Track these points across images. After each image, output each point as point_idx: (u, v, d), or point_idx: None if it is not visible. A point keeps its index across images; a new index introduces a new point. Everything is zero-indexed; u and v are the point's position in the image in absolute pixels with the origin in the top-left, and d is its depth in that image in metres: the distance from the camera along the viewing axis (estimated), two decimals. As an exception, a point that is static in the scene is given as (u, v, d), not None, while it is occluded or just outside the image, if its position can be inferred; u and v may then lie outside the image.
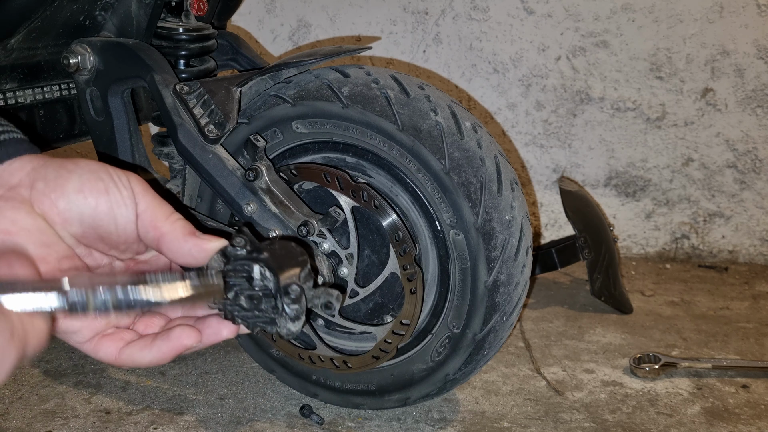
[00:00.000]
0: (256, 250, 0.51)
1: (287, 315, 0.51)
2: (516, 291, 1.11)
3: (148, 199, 0.52)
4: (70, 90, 1.23)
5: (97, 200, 0.50)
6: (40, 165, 0.51)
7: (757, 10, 1.84)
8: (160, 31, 1.24)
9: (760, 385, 1.39)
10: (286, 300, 0.51)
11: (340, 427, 1.24)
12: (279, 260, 0.51)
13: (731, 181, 1.98)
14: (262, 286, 0.51)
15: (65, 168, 0.51)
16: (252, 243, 0.51)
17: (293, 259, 0.53)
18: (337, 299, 0.56)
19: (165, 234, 0.52)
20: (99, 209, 0.51)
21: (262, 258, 0.51)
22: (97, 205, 0.50)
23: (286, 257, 0.52)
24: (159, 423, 1.24)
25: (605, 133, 2.00)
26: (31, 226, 0.49)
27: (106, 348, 0.53)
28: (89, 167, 0.52)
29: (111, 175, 0.52)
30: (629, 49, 1.92)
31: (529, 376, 1.42)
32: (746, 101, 1.91)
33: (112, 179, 0.51)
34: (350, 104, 1.08)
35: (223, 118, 1.08)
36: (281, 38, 2.11)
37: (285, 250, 0.53)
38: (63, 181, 0.50)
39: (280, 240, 0.54)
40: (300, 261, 0.53)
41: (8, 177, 0.50)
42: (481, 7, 1.96)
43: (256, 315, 0.52)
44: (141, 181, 0.53)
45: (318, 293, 0.55)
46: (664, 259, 2.08)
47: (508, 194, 1.08)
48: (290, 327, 0.52)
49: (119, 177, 0.52)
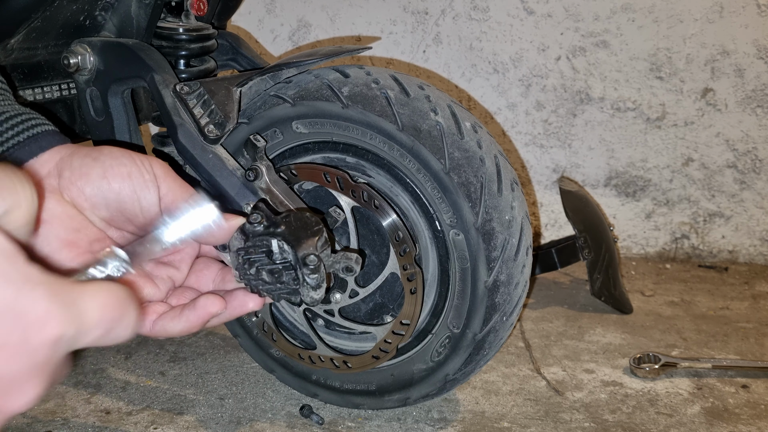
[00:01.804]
0: (272, 225, 0.53)
1: (309, 284, 0.53)
2: (516, 291, 1.11)
3: (169, 181, 0.55)
4: (70, 90, 1.23)
5: (121, 185, 0.53)
6: (67, 155, 0.54)
7: (757, 10, 1.84)
8: (160, 31, 1.24)
9: (760, 385, 1.39)
10: (305, 270, 0.52)
11: (340, 427, 1.24)
12: (295, 232, 0.53)
13: (731, 181, 1.98)
14: (281, 259, 0.53)
15: (90, 156, 0.54)
16: (268, 218, 0.53)
17: (309, 229, 0.54)
18: (357, 262, 0.58)
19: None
20: (123, 193, 0.53)
21: (279, 232, 0.53)
22: (121, 189, 0.53)
23: (302, 228, 0.54)
24: (159, 423, 1.24)
25: (605, 133, 2.00)
26: (61, 213, 0.52)
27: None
28: (113, 154, 0.55)
29: (134, 160, 0.54)
30: (629, 49, 1.92)
31: (529, 376, 1.42)
32: (746, 101, 1.91)
33: (135, 164, 0.54)
34: (350, 104, 1.08)
35: (223, 118, 1.08)
36: (281, 38, 2.11)
37: (300, 222, 0.54)
38: (87, 169, 0.53)
39: (295, 212, 0.55)
40: (316, 230, 0.55)
41: (39, 168, 0.54)
42: (481, 7, 1.96)
43: (279, 287, 0.54)
44: (163, 164, 0.56)
45: (338, 258, 0.57)
46: (664, 259, 2.08)
47: (508, 194, 1.08)
48: (313, 295, 0.54)
49: (142, 162, 0.55)
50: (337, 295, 1.14)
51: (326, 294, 0.56)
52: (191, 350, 1.50)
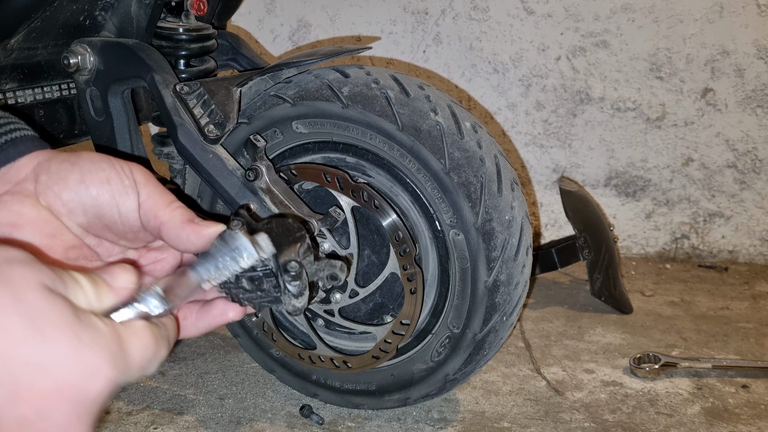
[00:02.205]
0: (251, 232, 0.51)
1: (290, 292, 0.52)
2: (516, 291, 1.11)
3: (150, 188, 0.53)
4: (70, 90, 1.23)
5: (99, 190, 0.52)
6: (45, 159, 0.53)
7: (757, 10, 1.84)
8: (160, 31, 1.24)
9: (760, 385, 1.39)
10: (286, 278, 0.51)
11: (340, 427, 1.24)
12: (276, 239, 0.51)
13: (731, 181, 1.98)
14: (262, 266, 0.51)
15: (68, 161, 0.52)
16: (249, 225, 0.51)
17: (291, 235, 0.53)
18: (341, 270, 0.56)
19: (164, 222, 0.53)
20: (101, 199, 0.52)
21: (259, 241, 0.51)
22: (99, 194, 0.52)
23: (283, 235, 0.52)
24: (159, 423, 1.24)
25: (605, 133, 2.00)
26: (36, 217, 0.50)
27: None
28: (91, 159, 0.53)
29: (113, 165, 0.53)
30: (629, 49, 1.92)
31: (529, 376, 1.42)
32: (746, 101, 1.91)
33: (114, 169, 0.52)
34: (350, 104, 1.08)
35: (223, 118, 1.08)
36: (281, 38, 2.11)
37: (282, 228, 0.53)
38: (65, 173, 0.51)
39: (276, 218, 0.54)
40: (297, 237, 0.53)
41: (15, 173, 0.52)
42: (481, 7, 1.96)
43: (260, 295, 0.52)
44: (143, 170, 0.54)
45: (321, 266, 0.55)
46: (664, 259, 2.08)
47: (508, 194, 1.08)
48: (295, 303, 0.52)
49: (121, 167, 0.53)
50: (337, 295, 1.14)
51: (309, 302, 0.55)
52: (191, 350, 1.50)
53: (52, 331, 0.37)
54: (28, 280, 0.37)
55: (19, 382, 0.36)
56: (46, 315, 0.37)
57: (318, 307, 1.18)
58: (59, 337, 0.37)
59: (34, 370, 0.36)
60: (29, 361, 0.36)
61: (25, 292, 0.37)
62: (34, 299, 0.37)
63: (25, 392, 0.36)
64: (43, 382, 0.36)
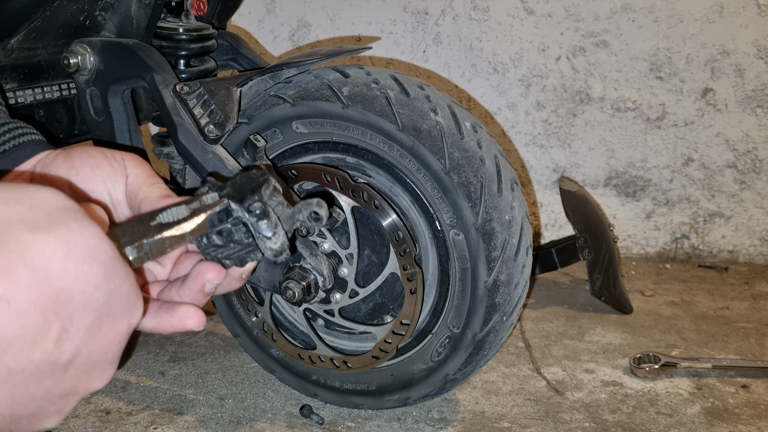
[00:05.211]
0: (218, 190, 0.51)
1: (262, 234, 0.51)
2: (516, 291, 1.11)
3: (137, 171, 0.55)
4: (70, 90, 1.23)
5: (89, 175, 0.53)
6: (44, 156, 0.56)
7: (757, 10, 1.84)
8: (160, 31, 1.24)
9: (760, 385, 1.39)
10: (251, 218, 0.50)
11: (340, 427, 1.24)
12: (240, 188, 0.51)
13: (731, 181, 1.98)
14: (231, 219, 0.51)
15: (63, 154, 0.55)
16: (213, 185, 0.52)
17: (253, 181, 0.52)
18: (319, 205, 0.54)
19: (143, 200, 0.53)
20: (90, 183, 0.53)
21: (223, 194, 0.51)
22: (89, 180, 0.53)
23: (246, 183, 0.52)
24: (159, 423, 1.24)
25: (605, 133, 2.00)
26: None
27: None
28: (83, 149, 0.55)
29: (104, 153, 0.55)
30: (629, 49, 1.92)
31: (529, 376, 1.42)
32: (746, 101, 1.91)
33: (105, 156, 0.54)
34: (350, 104, 1.08)
35: (223, 118, 1.08)
36: (281, 38, 2.11)
37: (245, 178, 0.52)
38: (58, 164, 0.54)
39: (241, 172, 0.54)
40: (261, 181, 0.52)
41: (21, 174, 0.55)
42: (481, 7, 1.96)
43: (234, 247, 0.52)
44: (135, 157, 0.55)
45: (298, 208, 0.55)
46: (664, 259, 2.08)
47: (508, 194, 1.08)
48: (271, 245, 0.51)
49: (112, 154, 0.55)
50: (338, 295, 1.14)
51: (290, 245, 0.54)
52: (191, 350, 1.50)
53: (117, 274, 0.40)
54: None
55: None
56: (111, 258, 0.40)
57: (318, 307, 1.18)
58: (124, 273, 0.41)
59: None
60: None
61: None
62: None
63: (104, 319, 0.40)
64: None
